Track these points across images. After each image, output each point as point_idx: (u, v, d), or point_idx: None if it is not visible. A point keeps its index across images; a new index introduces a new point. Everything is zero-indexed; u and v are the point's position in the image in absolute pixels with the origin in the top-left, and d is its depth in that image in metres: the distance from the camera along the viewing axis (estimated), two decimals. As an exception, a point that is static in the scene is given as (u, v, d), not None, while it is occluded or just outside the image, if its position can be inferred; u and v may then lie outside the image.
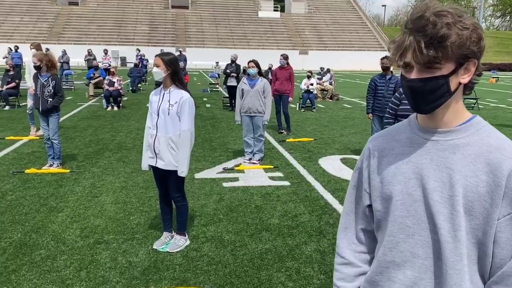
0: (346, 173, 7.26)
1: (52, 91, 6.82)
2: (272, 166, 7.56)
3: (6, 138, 9.30)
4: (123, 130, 10.60)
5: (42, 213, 5.23)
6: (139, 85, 20.29)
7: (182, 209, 4.38)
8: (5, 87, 13.42)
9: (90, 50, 25.23)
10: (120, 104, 14.23)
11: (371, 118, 7.89)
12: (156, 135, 4.13)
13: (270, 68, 21.25)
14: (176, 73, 4.14)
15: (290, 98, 10.31)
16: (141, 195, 5.95)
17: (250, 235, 4.74)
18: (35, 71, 6.87)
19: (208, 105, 15.96)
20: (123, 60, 44.52)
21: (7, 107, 13.45)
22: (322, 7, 61.66)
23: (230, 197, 5.97)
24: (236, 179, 6.81)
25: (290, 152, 8.68)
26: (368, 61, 53.53)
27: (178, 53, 26.20)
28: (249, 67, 7.64)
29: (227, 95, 15.97)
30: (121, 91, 14.14)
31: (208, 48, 49.13)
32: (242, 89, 7.73)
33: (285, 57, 10.13)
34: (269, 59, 43.18)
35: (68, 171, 6.98)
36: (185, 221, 4.48)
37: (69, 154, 8.10)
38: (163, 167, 4.13)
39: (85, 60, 25.42)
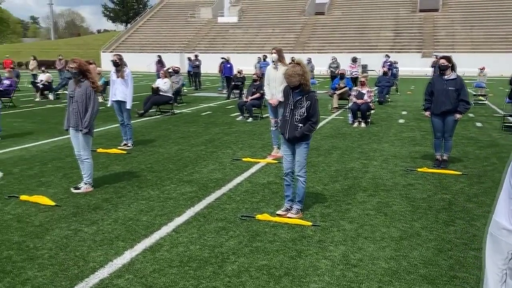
0: None
1: (305, 114, 4.92)
2: None
3: (243, 159, 8.02)
4: (376, 158, 8.20)
5: (270, 315, 3.22)
6: (387, 95, 17.76)
7: None
8: (249, 98, 12.75)
9: (334, 58, 24.00)
10: (369, 120, 11.96)
11: None
12: None
13: None
14: None
15: None
16: (429, 301, 3.41)
17: None
18: (285, 85, 5.10)
19: (479, 124, 12.31)
20: (364, 68, 42.66)
21: (250, 119, 12.73)
22: None
23: None
24: None
25: None
26: None
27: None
28: None
29: (509, 114, 12.05)
30: (370, 104, 11.86)
31: (459, 53, 43.08)
32: None
33: None
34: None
35: (310, 224, 4.95)
36: None
37: (311, 191, 6.12)
38: None
39: (328, 69, 24.34)
